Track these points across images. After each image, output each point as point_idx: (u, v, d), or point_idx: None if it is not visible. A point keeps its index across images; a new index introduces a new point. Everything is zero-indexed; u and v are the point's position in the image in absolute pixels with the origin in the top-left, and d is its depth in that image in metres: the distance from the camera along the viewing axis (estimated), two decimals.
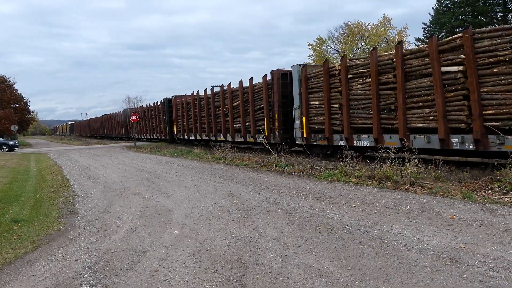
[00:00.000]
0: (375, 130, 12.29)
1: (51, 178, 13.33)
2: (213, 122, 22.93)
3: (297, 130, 15.90)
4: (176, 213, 7.25)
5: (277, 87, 16.88)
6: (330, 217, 6.42)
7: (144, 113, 37.36)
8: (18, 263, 5.06)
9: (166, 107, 30.91)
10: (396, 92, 11.52)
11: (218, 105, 22.38)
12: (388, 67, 11.89)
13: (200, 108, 24.72)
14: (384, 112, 12.12)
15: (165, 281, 4.21)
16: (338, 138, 13.94)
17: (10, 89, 58.94)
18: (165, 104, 30.96)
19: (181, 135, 28.53)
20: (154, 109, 34.06)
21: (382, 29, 46.64)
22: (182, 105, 27.56)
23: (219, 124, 22.49)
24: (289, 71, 16.75)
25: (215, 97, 22.75)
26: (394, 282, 3.90)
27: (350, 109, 13.30)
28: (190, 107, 26.36)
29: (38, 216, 7.58)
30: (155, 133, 34.49)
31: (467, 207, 6.61)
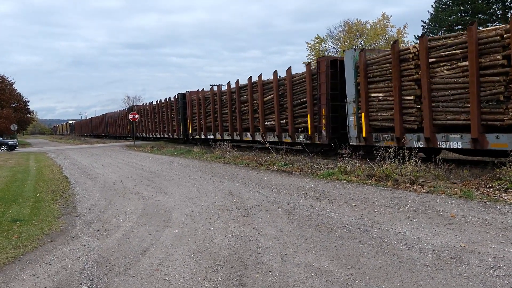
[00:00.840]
0: (473, 127, 9.56)
1: (51, 178, 13.32)
2: (238, 120, 20.03)
3: (351, 128, 13.04)
4: (176, 212, 7.24)
5: (325, 77, 13.94)
6: (330, 216, 6.42)
7: (153, 110, 34.21)
8: (18, 262, 5.06)
9: (179, 103, 27.85)
10: (509, 78, 8.96)
11: (244, 100, 19.47)
12: (495, 46, 9.17)
13: (221, 104, 21.76)
14: (488, 104, 9.40)
15: (165, 281, 4.20)
16: (414, 138, 11.15)
17: (10, 89, 58.87)
18: (179, 100, 27.96)
19: (196, 134, 25.44)
20: (166, 106, 30.86)
21: (381, 27, 46.59)
22: (199, 101, 24.47)
23: (245, 121, 19.71)
24: (339, 59, 14.39)
25: (241, 91, 19.77)
26: (394, 281, 3.90)
27: (433, 101, 10.52)
28: (208, 102, 23.39)
29: (38, 215, 7.57)
30: (166, 132, 31.34)
31: (467, 205, 6.61)
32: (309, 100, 14.82)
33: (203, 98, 24.00)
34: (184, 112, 27.45)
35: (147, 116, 36.30)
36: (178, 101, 28.18)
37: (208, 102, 23.60)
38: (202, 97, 24.08)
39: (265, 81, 18.05)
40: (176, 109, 28.78)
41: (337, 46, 50.44)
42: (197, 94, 25.02)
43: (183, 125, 27.91)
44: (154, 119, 34.49)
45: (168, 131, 30.91)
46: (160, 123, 32.78)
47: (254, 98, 18.65)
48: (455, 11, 34.83)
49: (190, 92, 26.39)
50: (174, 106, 29.20)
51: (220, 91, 22.01)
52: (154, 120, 34.51)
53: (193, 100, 25.64)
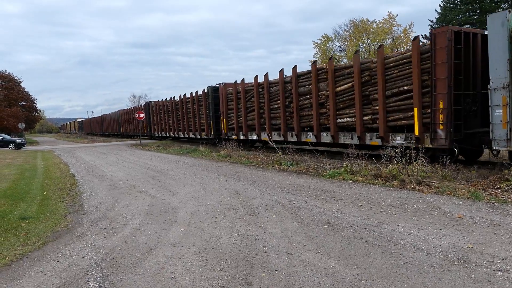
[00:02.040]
0: None
1: (58, 176, 13.41)
2: (295, 116, 16.02)
3: (497, 126, 9.08)
4: (182, 211, 7.26)
5: (446, 55, 10.07)
6: (336, 216, 6.40)
7: (175, 107, 29.87)
8: (26, 259, 5.10)
9: (210, 98, 23.42)
10: None
11: (304, 92, 15.55)
12: None
13: (269, 97, 17.84)
14: None
15: (171, 279, 4.22)
16: None
17: (18, 87, 59.42)
18: (209, 94, 23.50)
19: (233, 133, 21.34)
20: (192, 102, 26.45)
21: (387, 26, 46.39)
22: (237, 95, 20.57)
23: (305, 118, 15.76)
24: (464, 30, 10.85)
25: (300, 80, 15.82)
26: (401, 282, 3.88)
27: None
28: (251, 95, 19.36)
29: (45, 213, 7.63)
30: (192, 131, 27.01)
31: (474, 206, 6.56)
32: (417, 88, 10.82)
33: (243, 90, 19.92)
34: (216, 109, 23.14)
35: (168, 114, 32.17)
36: (208, 96, 23.66)
37: (250, 95, 19.53)
38: (242, 90, 19.99)
39: (340, 66, 14.41)
40: (205, 105, 24.39)
41: (343, 45, 50.31)
42: (234, 87, 20.88)
43: (214, 124, 23.59)
44: (176, 116, 30.16)
45: (195, 130, 26.59)
46: (184, 121, 28.35)
47: (321, 89, 14.63)
48: (463, 10, 34.59)
49: (224, 84, 22.16)
50: (202, 102, 24.91)
51: (268, 81, 17.91)
52: (176, 118, 30.19)
53: (229, 94, 21.52)
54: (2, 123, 48.97)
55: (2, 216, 7.40)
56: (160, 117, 34.21)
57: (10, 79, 58.61)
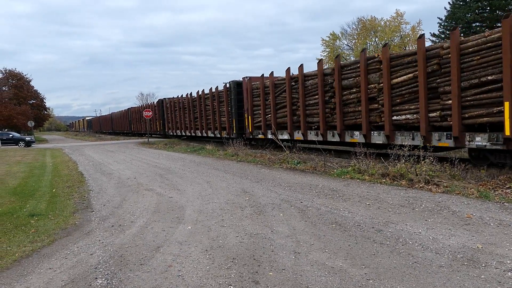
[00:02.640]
0: None
1: (67, 173, 13.52)
2: (338, 113, 13.99)
3: None
4: (189, 209, 7.28)
5: None
6: (343, 215, 6.37)
7: (192, 103, 27.85)
8: (35, 256, 5.15)
9: (232, 93, 21.52)
10: None
11: (349, 85, 13.57)
12: None
13: (304, 92, 15.83)
14: None
15: (179, 277, 4.23)
16: None
17: (27, 86, 60.02)
18: (231, 90, 21.62)
19: (260, 132, 19.44)
20: (211, 98, 24.25)
21: (395, 24, 46.07)
22: (265, 90, 18.67)
23: (350, 115, 13.71)
24: None
25: (344, 71, 13.86)
26: (409, 282, 3.85)
27: None
28: (281, 90, 17.49)
29: (54, 210, 7.69)
30: (211, 130, 24.98)
31: (484, 206, 6.50)
32: (509, 77, 8.84)
33: (272, 85, 17.95)
34: (239, 105, 21.21)
35: (183, 111, 30.07)
36: (231, 91, 21.74)
37: (281, 90, 17.57)
38: (271, 84, 17.98)
39: (398, 54, 12.28)
40: (226, 101, 22.32)
41: (351, 44, 50.08)
42: (262, 81, 18.78)
43: (237, 121, 21.51)
44: (193, 114, 28.06)
45: (214, 128, 24.58)
46: (202, 119, 26.34)
47: (372, 81, 12.66)
48: (472, 8, 34.21)
49: (249, 78, 20.19)
50: (223, 98, 22.77)
51: (303, 74, 15.85)
52: (193, 116, 28.07)
53: (255, 89, 19.63)
54: (12, 121, 49.51)
55: (12, 213, 7.48)
56: (175, 114, 32.10)
57: (19, 78, 59.25)
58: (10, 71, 58.95)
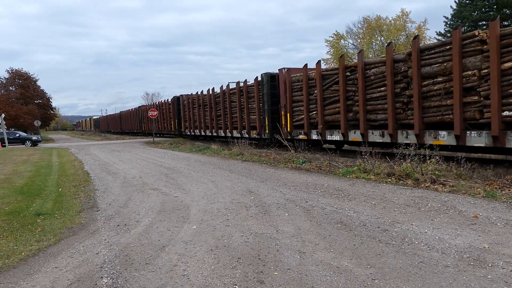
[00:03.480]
0: None
1: (72, 173, 13.59)
2: (417, 108, 11.35)
3: None
4: (194, 209, 7.29)
5: None
6: (348, 215, 6.35)
7: (215, 100, 25.15)
8: (41, 255, 5.18)
9: (265, 88, 18.87)
10: None
11: (433, 73, 10.97)
12: None
13: (365, 83, 13.11)
14: None
15: (184, 276, 4.24)
16: None
17: (34, 86, 60.41)
18: (264, 83, 18.94)
19: (302, 132, 16.67)
20: (239, 93, 21.62)
21: (401, 23, 45.83)
22: (309, 82, 15.95)
23: (433, 111, 11.14)
24: None
25: (424, 56, 11.25)
26: (415, 282, 3.83)
27: None
28: (332, 82, 14.65)
29: (60, 209, 7.74)
30: (237, 129, 22.28)
31: (491, 206, 6.45)
32: None
33: (320, 76, 15.05)
34: (274, 101, 18.74)
35: (204, 109, 27.45)
36: (263, 85, 19.06)
37: (331, 82, 14.69)
38: (318, 76, 15.04)
39: None
40: (257, 96, 19.73)
41: (356, 43, 49.90)
42: (305, 72, 16.06)
43: (270, 120, 18.92)
44: (216, 112, 25.28)
45: (241, 128, 21.79)
46: (226, 117, 23.66)
47: (469, 66, 9.99)
48: (479, 6, 33.96)
49: (288, 70, 17.53)
50: (254, 93, 20.10)
51: (364, 62, 13.26)
52: (215, 114, 25.34)
53: (296, 82, 16.97)
54: (19, 120, 49.85)
55: (19, 212, 7.53)
56: (194, 112, 29.36)
57: (26, 78, 59.64)
58: (16, 71, 59.38)
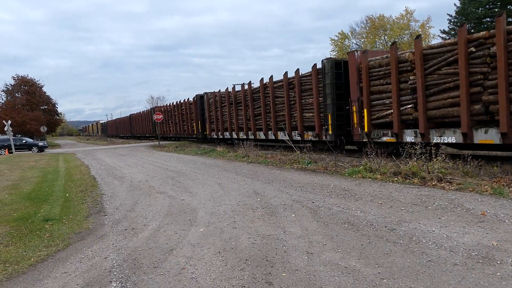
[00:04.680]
0: None
1: (79, 178, 13.67)
2: None
3: None
4: (201, 212, 7.31)
5: None
6: (355, 215, 6.34)
7: (252, 96, 21.02)
8: (50, 260, 5.22)
9: (327, 77, 14.92)
10: None
11: None
12: None
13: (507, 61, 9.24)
14: None
15: (192, 279, 4.25)
16: None
17: (39, 92, 60.79)
18: (326, 72, 14.94)
19: (389, 133, 12.74)
20: (287, 86, 17.74)
21: (404, 22, 45.69)
22: (399, 67, 12.20)
23: None
24: None
25: None
26: (423, 280, 3.82)
27: None
28: (441, 64, 10.87)
29: (68, 215, 7.79)
30: (284, 130, 18.21)
31: (498, 203, 6.41)
32: None
33: (420, 57, 11.34)
34: (338, 95, 14.89)
35: (236, 107, 23.03)
36: (325, 73, 15.03)
37: (439, 63, 10.92)
38: (418, 56, 11.38)
39: None
40: (316, 88, 15.73)
41: (360, 43, 49.80)
42: (394, 53, 12.32)
43: (334, 118, 14.92)
44: (252, 110, 21.12)
45: (290, 129, 17.94)
46: (268, 116, 19.70)
47: None
48: (483, 3, 33.75)
49: (364, 52, 13.66)
50: (310, 84, 16.19)
51: (506, 29, 9.28)
52: (252, 113, 21.16)
53: (376, 67, 13.07)
54: (25, 126, 50.23)
55: (27, 218, 7.59)
56: (223, 112, 25.01)
57: (31, 84, 60.04)
58: (22, 77, 59.80)
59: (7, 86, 59.28)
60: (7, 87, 59.25)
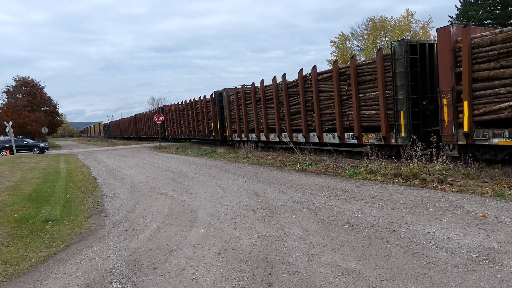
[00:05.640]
0: None
1: (80, 179, 13.68)
2: None
3: None
4: (202, 212, 7.31)
5: None
6: (356, 216, 6.34)
7: (287, 90, 17.72)
8: (51, 261, 5.22)
9: (401, 64, 11.76)
10: None
11: None
12: None
13: None
14: None
15: (193, 280, 4.25)
16: None
17: (40, 93, 60.94)
18: (397, 58, 11.87)
19: (504, 133, 9.46)
20: (337, 77, 14.55)
21: (405, 23, 45.70)
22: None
23: None
24: None
25: None
26: (424, 282, 3.81)
27: None
28: None
29: (69, 215, 7.80)
30: (333, 132, 15.26)
31: (499, 205, 6.40)
32: None
33: None
34: (414, 87, 11.91)
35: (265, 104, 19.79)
36: (396, 59, 11.90)
37: None
38: None
39: None
40: (381, 79, 12.61)
41: (360, 44, 49.83)
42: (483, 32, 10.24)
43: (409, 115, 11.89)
44: (288, 108, 17.86)
45: (343, 129, 14.69)
46: (309, 115, 16.54)
47: None
48: (484, 5, 33.78)
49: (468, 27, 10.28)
50: (373, 74, 13.10)
51: None
52: (287, 111, 17.91)
53: (485, 46, 9.85)
54: (26, 128, 50.29)
55: (28, 218, 7.60)
56: (247, 110, 21.88)
57: (32, 85, 60.20)
58: (23, 78, 59.96)
59: (8, 88, 59.44)
60: (8, 88, 59.40)
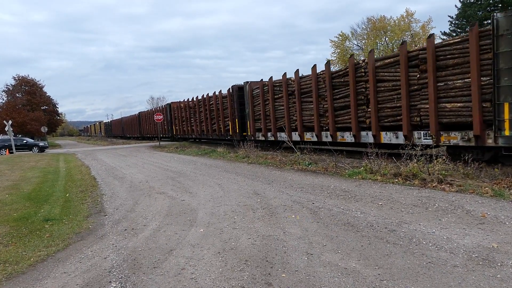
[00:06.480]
0: None
1: (80, 178, 13.67)
2: None
3: None
4: (201, 212, 7.31)
5: None
6: (356, 216, 6.33)
7: (331, 82, 14.60)
8: (50, 260, 5.22)
9: (510, 42, 8.63)
10: None
11: None
12: None
13: None
14: None
15: (192, 279, 4.24)
16: None
17: (40, 92, 60.86)
18: (504, 35, 8.70)
19: None
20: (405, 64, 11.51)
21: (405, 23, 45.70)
22: None
23: None
24: None
25: None
26: (423, 282, 3.81)
27: None
28: None
29: (68, 215, 7.79)
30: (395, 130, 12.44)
31: (499, 205, 6.40)
32: None
33: None
34: None
35: (300, 98, 16.66)
36: (498, 36, 8.89)
37: None
38: None
39: None
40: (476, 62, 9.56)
41: (360, 44, 49.83)
42: None
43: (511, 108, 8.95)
44: (331, 101, 14.71)
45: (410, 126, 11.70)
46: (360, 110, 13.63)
47: None
48: (483, 5, 33.78)
49: None
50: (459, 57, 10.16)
51: None
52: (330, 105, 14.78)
53: None
54: (26, 127, 50.25)
55: (27, 218, 7.59)
56: (275, 106, 18.78)
57: (32, 84, 60.12)
58: (23, 77, 59.88)
59: (7, 87, 59.38)
60: (8, 87, 59.34)
